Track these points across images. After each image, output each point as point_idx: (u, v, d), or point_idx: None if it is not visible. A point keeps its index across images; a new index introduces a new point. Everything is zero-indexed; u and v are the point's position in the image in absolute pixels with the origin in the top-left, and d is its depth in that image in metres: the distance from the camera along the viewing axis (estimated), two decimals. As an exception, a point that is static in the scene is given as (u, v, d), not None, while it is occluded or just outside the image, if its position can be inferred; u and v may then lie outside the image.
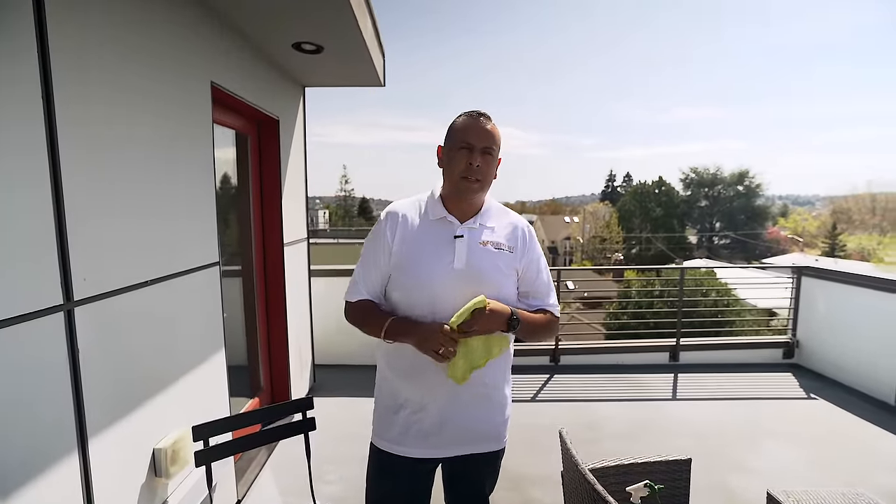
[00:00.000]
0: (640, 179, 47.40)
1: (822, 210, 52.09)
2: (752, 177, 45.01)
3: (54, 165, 1.21)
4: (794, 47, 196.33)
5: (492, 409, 1.35)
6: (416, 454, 1.31)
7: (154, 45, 1.67)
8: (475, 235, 1.30)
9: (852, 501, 1.78)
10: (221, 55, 2.21)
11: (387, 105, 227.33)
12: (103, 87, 1.41)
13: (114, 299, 1.44)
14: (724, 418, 3.37)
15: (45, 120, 1.19)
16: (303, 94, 3.53)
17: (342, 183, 52.03)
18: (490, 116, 1.29)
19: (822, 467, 2.75)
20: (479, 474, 1.42)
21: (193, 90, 1.94)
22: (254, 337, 3.03)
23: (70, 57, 1.27)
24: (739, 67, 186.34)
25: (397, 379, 1.34)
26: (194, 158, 1.96)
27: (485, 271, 1.28)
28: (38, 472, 1.16)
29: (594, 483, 1.27)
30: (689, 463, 1.73)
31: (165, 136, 1.74)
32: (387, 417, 1.35)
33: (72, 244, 1.26)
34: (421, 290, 1.26)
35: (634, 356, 4.43)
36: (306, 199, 3.72)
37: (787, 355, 4.41)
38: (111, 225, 1.44)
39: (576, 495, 1.45)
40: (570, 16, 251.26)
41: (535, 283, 1.37)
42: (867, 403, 3.58)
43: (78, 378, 1.29)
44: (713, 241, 45.14)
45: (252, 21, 2.29)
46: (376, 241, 1.32)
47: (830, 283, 4.19)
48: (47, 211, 1.20)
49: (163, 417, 1.70)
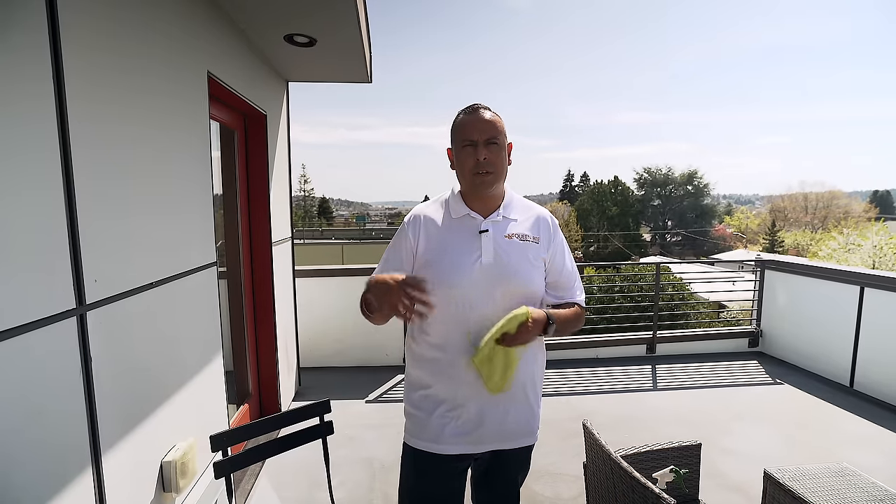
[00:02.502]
0: (596, 179, 48.89)
1: (761, 209, 55.83)
2: (701, 177, 47.58)
3: (66, 164, 1.12)
4: (734, 53, 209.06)
5: (527, 405, 1.35)
6: (454, 451, 1.29)
7: (157, 35, 1.56)
8: (500, 229, 1.29)
9: (838, 474, 1.92)
10: (216, 44, 2.10)
11: (336, 104, 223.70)
12: (111, 83, 1.31)
13: (123, 302, 1.34)
14: (702, 405, 3.54)
15: (58, 118, 1.10)
16: (286, 88, 3.41)
17: (301, 183, 50.65)
18: (488, 107, 1.28)
19: (795, 445, 2.95)
20: (514, 469, 1.42)
21: (191, 82, 1.84)
22: (241, 340, 2.90)
23: (82, 54, 1.18)
24: (682, 73, 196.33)
25: (430, 378, 1.31)
26: (192, 152, 1.85)
27: (514, 264, 1.27)
28: (51, 493, 1.06)
29: (632, 472, 1.30)
30: (699, 448, 1.81)
31: (165, 130, 1.63)
32: (422, 417, 1.32)
33: (83, 242, 1.16)
34: (451, 288, 1.24)
35: (614, 349, 4.58)
36: (290, 198, 3.60)
37: (753, 344, 4.69)
38: (117, 224, 1.34)
39: (605, 485, 1.48)
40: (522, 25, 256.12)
41: (562, 274, 1.37)
42: (826, 386, 3.86)
43: (91, 388, 1.19)
44: (665, 238, 47.33)
45: (248, 9, 2.18)
46: (398, 242, 1.32)
47: (790, 275, 4.49)
48: (59, 210, 1.10)
49: (168, 428, 1.60)
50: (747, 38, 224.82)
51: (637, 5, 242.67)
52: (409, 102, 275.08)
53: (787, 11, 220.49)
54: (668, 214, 48.59)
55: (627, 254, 38.58)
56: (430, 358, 1.30)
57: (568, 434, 3.05)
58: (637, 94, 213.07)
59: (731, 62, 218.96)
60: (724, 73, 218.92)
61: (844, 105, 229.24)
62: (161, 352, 1.57)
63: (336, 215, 59.82)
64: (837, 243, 19.78)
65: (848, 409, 3.45)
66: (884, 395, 3.52)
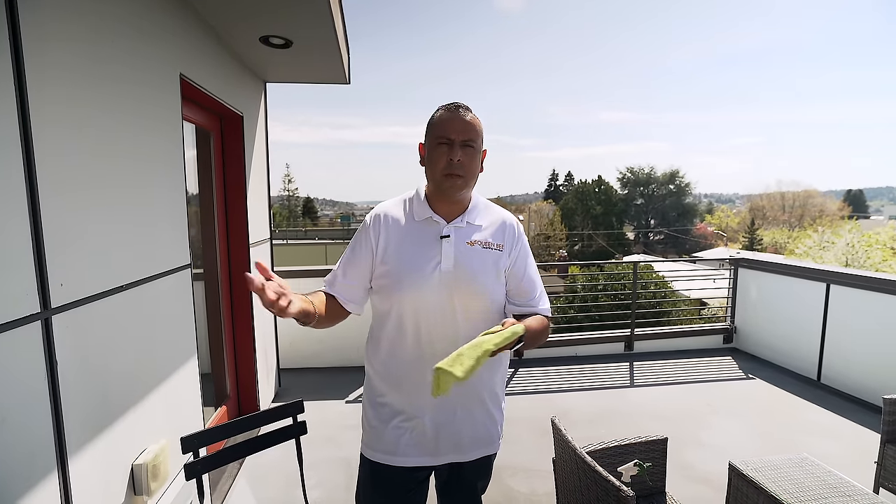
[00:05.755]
0: (580, 178, 49.38)
1: (741, 207, 57.01)
2: (682, 176, 48.36)
3: (29, 164, 1.11)
4: (712, 54, 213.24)
5: (485, 415, 1.31)
6: (410, 463, 1.26)
7: (124, 35, 1.55)
8: (462, 235, 1.25)
9: (799, 465, 2.00)
10: (189, 46, 2.09)
11: (320, 104, 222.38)
12: (73, 82, 1.30)
13: (90, 306, 1.34)
14: (677, 401, 3.63)
15: (20, 118, 1.09)
16: (264, 89, 3.40)
17: (285, 182, 50.14)
18: (469, 107, 1.22)
19: (764, 438, 3.05)
20: (473, 477, 1.38)
21: (162, 83, 1.83)
22: (219, 342, 2.89)
23: (40, 50, 1.17)
24: (661, 73, 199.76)
25: (387, 388, 1.28)
26: (164, 155, 1.84)
27: (474, 271, 1.22)
28: (16, 494, 1.06)
29: (594, 465, 1.34)
30: (665, 442, 1.87)
31: (134, 132, 1.62)
32: (378, 428, 1.28)
33: (48, 246, 1.16)
34: (408, 292, 1.20)
35: (592, 347, 4.66)
36: (269, 199, 3.59)
37: (727, 340, 4.82)
38: (85, 228, 1.33)
39: (572, 480, 1.52)
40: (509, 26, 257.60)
41: (523, 280, 1.31)
42: (795, 380, 3.99)
43: (57, 392, 1.19)
44: (649, 237, 48.04)
45: (221, 10, 2.18)
46: (359, 241, 1.28)
47: (761, 272, 4.63)
48: (23, 214, 1.10)
49: (139, 431, 1.60)
50: (730, 39, 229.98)
51: (621, 5, 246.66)
52: (390, 103, 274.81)
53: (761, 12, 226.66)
54: (651, 213, 49.30)
55: (611, 252, 39.04)
56: (384, 364, 1.28)
57: (545, 431, 3.10)
58: (619, 93, 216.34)
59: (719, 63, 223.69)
60: (708, 73, 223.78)
61: (823, 106, 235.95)
62: (132, 355, 1.57)
63: (321, 215, 59.21)
64: (813, 241, 20.32)
65: (814, 401, 3.58)
66: (847, 387, 3.66)
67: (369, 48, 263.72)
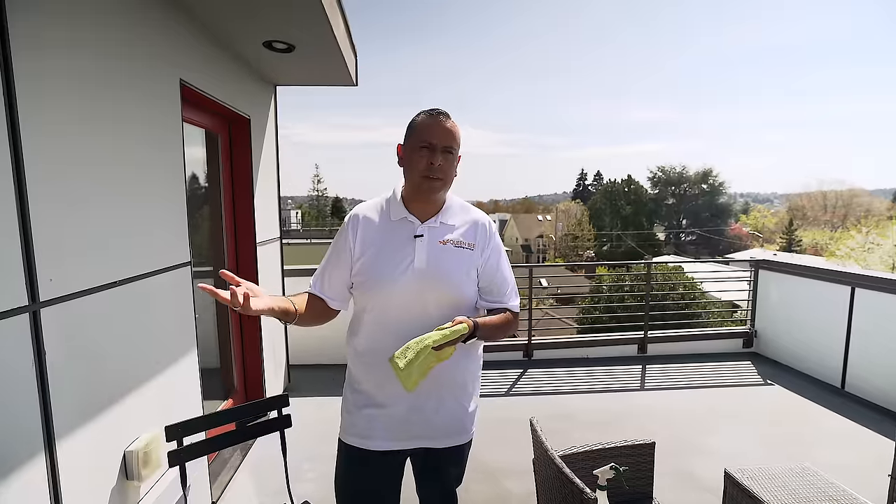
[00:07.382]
0: (609, 178, 48.44)
1: (779, 207, 54.60)
2: (715, 175, 46.78)
3: (16, 159, 1.19)
4: (744, 52, 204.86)
5: (456, 404, 1.36)
6: (383, 447, 1.32)
7: (120, 42, 1.64)
8: (435, 234, 1.30)
9: (799, 474, 1.93)
10: (190, 52, 2.18)
11: (351, 105, 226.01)
12: (67, 82, 1.38)
13: (82, 300, 1.41)
14: (688, 406, 3.53)
15: (7, 114, 1.16)
16: (274, 92, 3.49)
17: (315, 183, 51.30)
18: (449, 114, 1.27)
19: (774, 446, 2.93)
20: (446, 466, 1.44)
21: (161, 88, 1.91)
22: (226, 338, 2.99)
23: (32, 50, 1.25)
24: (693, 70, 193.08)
25: (363, 375, 1.35)
26: (163, 157, 1.93)
27: (446, 270, 1.27)
28: (1, 476, 1.13)
29: (562, 466, 1.33)
30: (652, 446, 1.83)
31: (134, 134, 1.71)
32: (354, 413, 1.35)
33: (37, 243, 1.24)
34: (381, 289, 1.27)
35: (605, 349, 4.58)
36: (279, 199, 3.69)
37: (747, 345, 4.64)
38: (77, 224, 1.41)
39: (547, 482, 1.52)
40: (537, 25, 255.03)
41: (495, 278, 1.36)
42: (817, 387, 3.81)
43: (45, 381, 1.27)
44: (680, 237, 46.67)
45: (222, 18, 2.26)
46: (338, 241, 1.35)
47: (783, 275, 4.44)
48: (10, 207, 1.17)
49: (134, 420, 1.68)
50: (762, 34, 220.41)
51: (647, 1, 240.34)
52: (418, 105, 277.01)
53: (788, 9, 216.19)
54: (683, 213, 47.88)
55: (641, 253, 38.12)
56: (361, 356, 1.34)
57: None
58: (648, 91, 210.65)
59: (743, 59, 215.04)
60: (744, 68, 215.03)
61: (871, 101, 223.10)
62: (125, 348, 1.65)
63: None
64: (856, 242, 19.26)
65: (835, 409, 3.41)
66: (873, 396, 3.47)
67: (392, 49, 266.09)
